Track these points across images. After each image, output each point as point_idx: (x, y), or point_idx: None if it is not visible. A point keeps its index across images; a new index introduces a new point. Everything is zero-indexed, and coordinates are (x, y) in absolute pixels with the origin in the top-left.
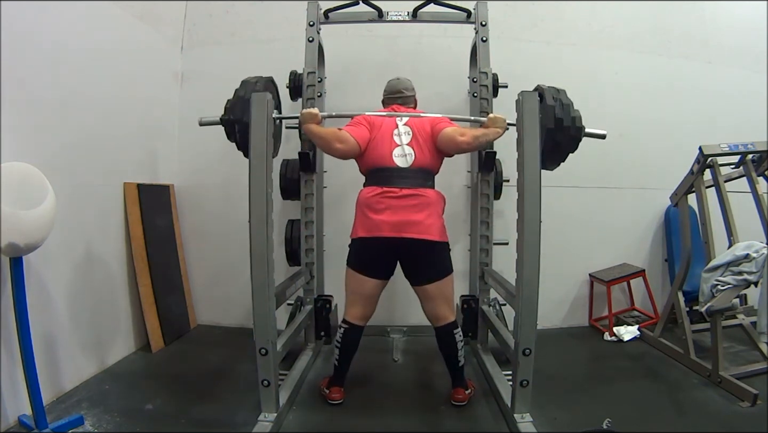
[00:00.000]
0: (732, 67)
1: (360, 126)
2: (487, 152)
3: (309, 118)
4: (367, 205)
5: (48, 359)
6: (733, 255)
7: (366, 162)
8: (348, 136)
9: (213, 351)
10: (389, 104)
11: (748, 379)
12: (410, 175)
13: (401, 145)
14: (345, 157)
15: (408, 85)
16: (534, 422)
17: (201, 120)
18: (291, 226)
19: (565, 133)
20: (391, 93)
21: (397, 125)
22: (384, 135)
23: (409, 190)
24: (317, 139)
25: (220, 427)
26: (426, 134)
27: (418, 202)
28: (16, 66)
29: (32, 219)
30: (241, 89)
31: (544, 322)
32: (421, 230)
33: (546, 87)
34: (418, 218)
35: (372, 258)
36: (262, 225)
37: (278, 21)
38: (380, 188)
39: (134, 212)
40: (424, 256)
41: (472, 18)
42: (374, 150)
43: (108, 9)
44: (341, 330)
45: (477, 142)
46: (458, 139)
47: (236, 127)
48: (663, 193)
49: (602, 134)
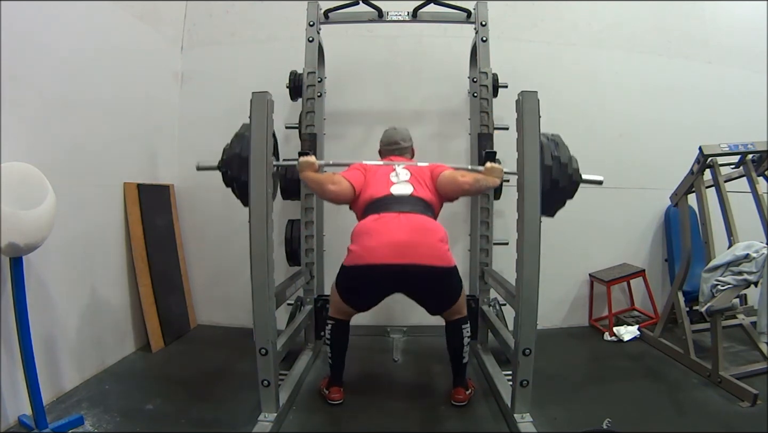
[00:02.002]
0: (732, 67)
1: (355, 171)
2: (487, 152)
3: (306, 166)
4: (362, 232)
5: (48, 359)
6: (733, 255)
7: (361, 201)
8: (341, 178)
9: (213, 351)
10: (386, 155)
11: (748, 379)
12: (409, 201)
13: (399, 183)
14: (338, 199)
15: (405, 135)
16: (534, 422)
17: (198, 165)
18: (291, 226)
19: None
20: (387, 144)
21: (395, 168)
22: (381, 175)
23: (409, 215)
24: (312, 184)
25: (220, 427)
26: (425, 176)
27: (421, 225)
28: (16, 66)
29: (32, 219)
30: (237, 144)
31: (544, 322)
32: (429, 255)
33: (545, 141)
34: (422, 240)
35: (363, 289)
36: (262, 225)
37: (278, 21)
38: (377, 215)
39: (134, 212)
40: (436, 286)
41: (472, 18)
42: (369, 188)
43: (108, 9)
44: (328, 327)
45: (478, 185)
46: (460, 180)
47: (234, 185)
48: (663, 193)
49: (599, 180)
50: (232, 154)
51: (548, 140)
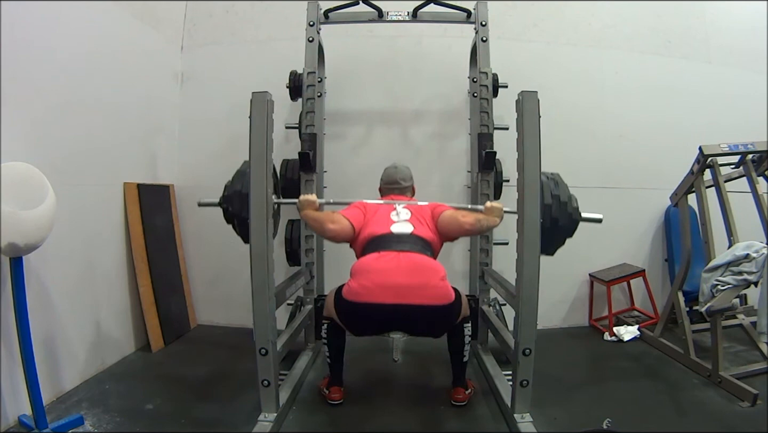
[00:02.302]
0: (732, 67)
1: (355, 209)
2: (487, 152)
3: (307, 204)
4: (362, 270)
5: (48, 359)
6: (733, 255)
7: (361, 239)
8: (341, 217)
9: (213, 351)
10: (386, 194)
11: (748, 379)
12: (409, 240)
13: (399, 222)
14: (338, 238)
15: (406, 175)
16: (534, 422)
17: (200, 201)
18: (291, 226)
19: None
20: (388, 183)
21: (396, 208)
22: (382, 214)
23: (408, 254)
24: (312, 222)
25: (220, 427)
26: (426, 215)
27: (420, 264)
28: (16, 66)
29: (32, 219)
30: (238, 181)
31: (544, 322)
32: (429, 294)
33: (545, 179)
34: (421, 281)
35: (360, 323)
36: (262, 225)
37: (278, 21)
38: (377, 253)
39: (134, 212)
40: (438, 322)
41: (472, 18)
42: (370, 226)
43: (108, 9)
44: (324, 326)
45: (479, 225)
46: (461, 220)
47: (235, 221)
48: (663, 193)
49: (599, 219)
50: (233, 191)
51: (548, 179)
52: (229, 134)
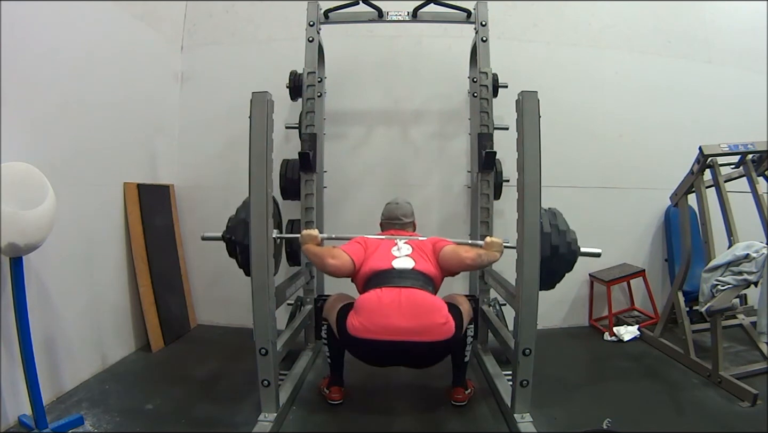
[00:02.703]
0: (732, 67)
1: (356, 245)
2: (487, 152)
3: (308, 239)
4: (365, 308)
5: (48, 359)
6: (733, 255)
7: (362, 274)
8: (341, 252)
9: (213, 351)
10: (387, 228)
11: (748, 379)
12: (411, 276)
13: (400, 257)
14: (338, 272)
15: (407, 211)
16: (534, 422)
17: (203, 235)
18: (291, 226)
19: (561, 260)
20: (389, 218)
21: (397, 243)
22: (383, 249)
23: (411, 291)
24: (312, 257)
25: (220, 427)
26: (428, 250)
27: (422, 304)
28: (16, 66)
29: (32, 219)
30: (242, 210)
31: (544, 322)
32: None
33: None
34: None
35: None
36: (262, 225)
37: (278, 21)
38: (378, 289)
39: (134, 212)
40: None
41: (472, 18)
42: (371, 261)
43: (108, 9)
44: (324, 327)
45: (480, 260)
46: (462, 255)
47: (237, 249)
48: (663, 194)
49: (597, 253)
50: (237, 221)
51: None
52: (229, 134)
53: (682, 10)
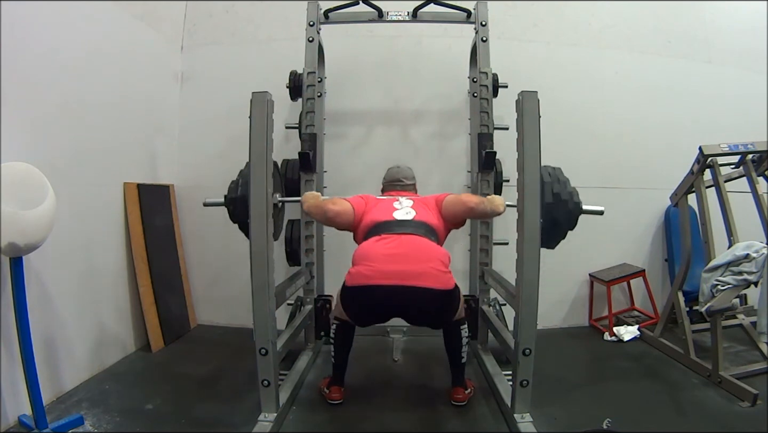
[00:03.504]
0: (732, 67)
1: (357, 197)
2: (487, 152)
3: (310, 198)
4: (363, 254)
5: (48, 359)
6: (733, 255)
7: (363, 226)
8: (341, 200)
9: (213, 351)
10: (388, 190)
11: (748, 379)
12: (411, 225)
13: (402, 209)
14: (339, 218)
15: (408, 174)
16: (534, 422)
17: (205, 201)
18: (291, 226)
19: (563, 208)
20: (390, 181)
21: (399, 199)
22: (384, 203)
23: (410, 237)
24: (314, 210)
25: (220, 427)
26: (430, 203)
27: (421, 249)
28: (16, 66)
29: (32, 219)
30: (244, 171)
31: (544, 322)
32: (427, 278)
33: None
34: (423, 266)
35: (365, 310)
36: (262, 225)
37: (278, 21)
38: (378, 236)
39: (134, 212)
40: (435, 308)
41: (472, 18)
42: (371, 214)
43: (108, 9)
44: (333, 326)
45: (483, 206)
46: (465, 199)
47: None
48: (663, 194)
49: (600, 211)
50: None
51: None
52: (229, 134)
53: (682, 10)
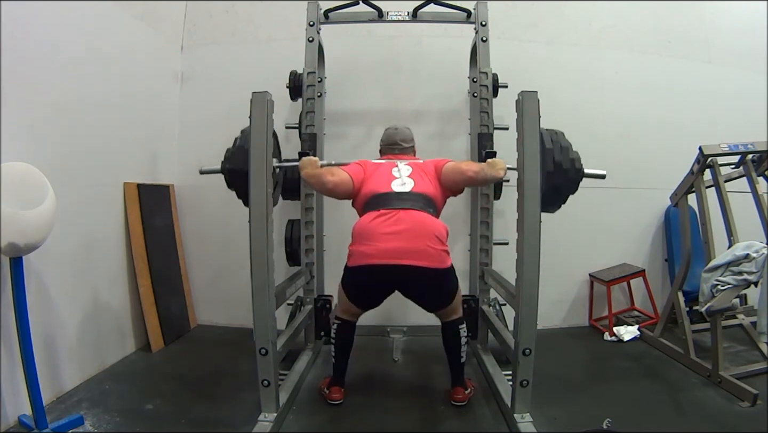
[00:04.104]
0: (732, 67)
1: (355, 165)
2: (487, 152)
3: (308, 164)
4: (363, 232)
5: (48, 359)
6: (733, 255)
7: (362, 196)
8: (340, 170)
9: (213, 351)
10: (386, 154)
11: (748, 379)
12: (410, 198)
13: (400, 177)
14: (337, 189)
15: (406, 136)
16: (534, 422)
17: (201, 168)
18: (291, 226)
19: (565, 176)
20: (388, 143)
21: (397, 164)
22: (383, 171)
23: (409, 212)
24: (311, 179)
25: (220, 427)
26: (429, 170)
27: (419, 224)
28: (16, 66)
29: (32, 219)
30: (241, 139)
31: (544, 322)
32: (424, 256)
33: (544, 130)
34: (420, 243)
35: (365, 289)
36: (262, 225)
37: (278, 21)
38: (377, 211)
39: (134, 212)
40: (431, 286)
41: (472, 18)
42: (370, 183)
43: (108, 9)
44: (335, 326)
45: (483, 174)
46: (464, 168)
47: (235, 175)
48: (663, 194)
49: (602, 174)
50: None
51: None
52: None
53: (682, 10)
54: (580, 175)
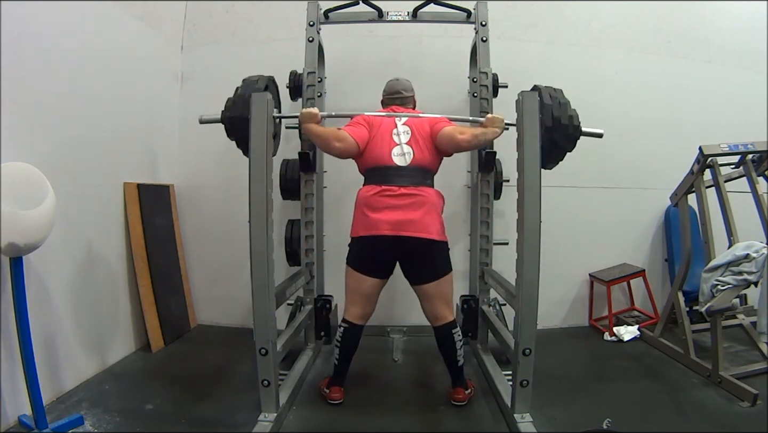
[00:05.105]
0: (732, 67)
1: (359, 126)
2: (487, 152)
3: (308, 117)
4: (366, 204)
5: (48, 359)
6: (733, 255)
7: (365, 162)
8: (346, 135)
9: (213, 351)
10: (388, 105)
11: (748, 379)
12: (409, 173)
13: (400, 145)
14: (343, 155)
15: (407, 86)
16: (534, 422)
17: (201, 118)
18: (291, 226)
19: (563, 132)
20: (389, 94)
21: (396, 125)
22: (383, 134)
23: (408, 189)
24: (316, 138)
25: (220, 427)
26: (425, 133)
27: (417, 201)
28: (16, 66)
29: (32, 219)
30: (243, 87)
31: (544, 322)
32: (419, 228)
33: (543, 86)
34: (416, 216)
35: (371, 257)
36: (262, 225)
37: (278, 21)
38: (379, 187)
39: (134, 212)
40: (423, 255)
41: (472, 18)
42: (373, 149)
43: (108, 9)
44: (341, 329)
45: (476, 140)
46: (458, 138)
47: (236, 124)
48: (663, 194)
49: (599, 133)
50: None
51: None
52: None
53: (682, 10)
54: (578, 132)
